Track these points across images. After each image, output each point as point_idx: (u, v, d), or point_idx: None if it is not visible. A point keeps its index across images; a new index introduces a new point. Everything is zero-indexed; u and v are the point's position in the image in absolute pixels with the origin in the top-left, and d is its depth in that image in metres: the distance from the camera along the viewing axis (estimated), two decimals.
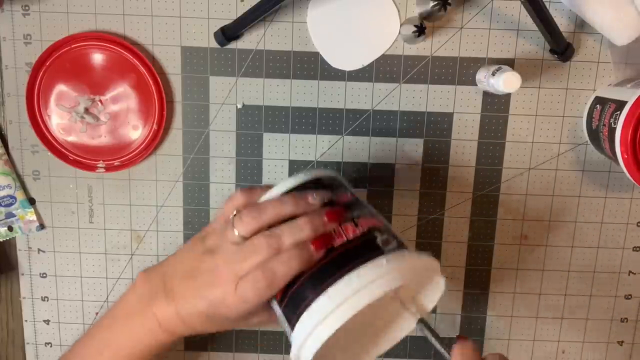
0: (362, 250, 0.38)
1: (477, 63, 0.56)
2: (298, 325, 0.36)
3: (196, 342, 0.61)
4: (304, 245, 0.38)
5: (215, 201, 0.59)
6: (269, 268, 0.38)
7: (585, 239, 0.59)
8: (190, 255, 0.43)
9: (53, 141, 0.56)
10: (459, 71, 0.56)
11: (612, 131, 0.49)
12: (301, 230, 0.39)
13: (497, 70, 0.51)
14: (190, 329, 0.43)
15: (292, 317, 0.38)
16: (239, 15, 0.54)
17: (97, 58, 0.55)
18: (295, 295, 0.38)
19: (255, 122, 0.57)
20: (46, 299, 0.61)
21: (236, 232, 0.40)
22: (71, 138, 0.56)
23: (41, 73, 0.55)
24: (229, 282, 0.39)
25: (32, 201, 0.59)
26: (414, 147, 0.57)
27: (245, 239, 0.40)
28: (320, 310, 0.35)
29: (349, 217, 0.40)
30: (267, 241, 0.39)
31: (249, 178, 0.58)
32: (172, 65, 0.56)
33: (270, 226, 0.40)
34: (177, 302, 0.42)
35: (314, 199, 0.40)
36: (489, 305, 0.61)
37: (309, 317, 0.36)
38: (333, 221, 0.39)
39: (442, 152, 0.57)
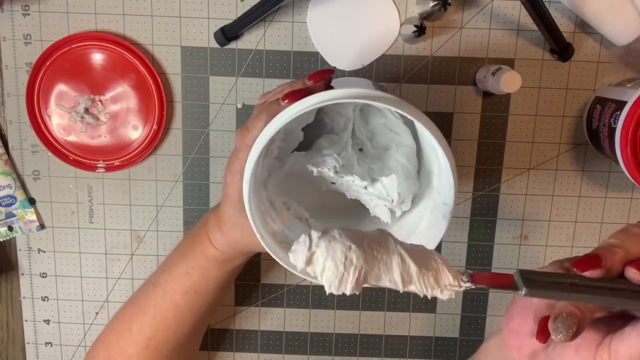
0: None
1: (477, 63, 0.56)
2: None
3: None
4: (275, 101, 0.40)
5: (216, 201, 0.59)
6: (245, 126, 0.41)
7: (585, 239, 0.59)
8: None
9: (53, 141, 0.56)
10: (459, 71, 0.56)
11: (612, 131, 0.49)
12: (280, 92, 0.41)
13: (497, 70, 0.51)
14: (226, 237, 0.46)
15: None
16: (239, 15, 0.54)
17: (97, 58, 0.55)
18: None
19: None
20: (46, 299, 0.61)
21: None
22: (71, 138, 0.56)
23: (41, 73, 0.55)
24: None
25: (32, 201, 0.59)
26: None
27: None
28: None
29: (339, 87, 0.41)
30: (255, 109, 0.43)
31: None
32: (172, 65, 0.56)
33: None
34: (217, 209, 0.47)
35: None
36: (489, 305, 0.61)
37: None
38: (314, 80, 0.40)
39: None
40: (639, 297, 0.30)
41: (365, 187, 0.43)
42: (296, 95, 0.38)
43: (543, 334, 0.33)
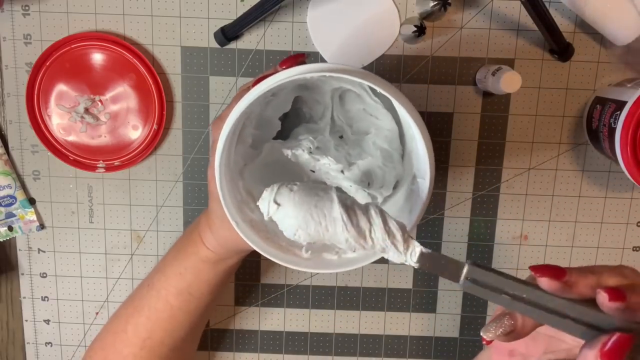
0: None
1: (477, 63, 0.56)
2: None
3: None
4: (247, 88, 0.40)
5: None
6: (220, 117, 0.41)
7: (585, 239, 0.59)
8: None
9: (53, 141, 0.56)
10: (459, 71, 0.56)
11: (612, 131, 0.49)
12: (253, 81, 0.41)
13: (497, 70, 0.51)
14: (216, 236, 0.46)
15: None
16: (239, 15, 0.54)
17: (97, 58, 0.55)
18: None
19: None
20: (46, 299, 0.61)
21: None
22: (71, 138, 0.56)
23: (41, 73, 0.55)
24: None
25: (32, 201, 0.59)
26: None
27: None
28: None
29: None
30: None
31: None
32: (172, 65, 0.56)
33: None
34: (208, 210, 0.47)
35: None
36: (489, 305, 0.61)
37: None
38: (284, 65, 0.40)
39: (442, 152, 0.57)
40: (580, 324, 0.29)
41: (342, 172, 0.43)
42: (264, 78, 0.38)
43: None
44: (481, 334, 0.31)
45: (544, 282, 0.29)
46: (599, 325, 0.29)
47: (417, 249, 0.33)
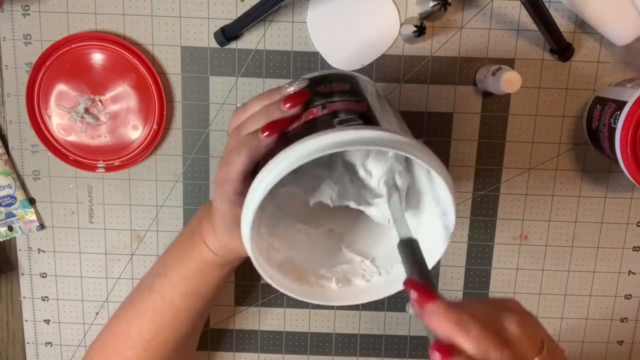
0: (314, 128, 0.37)
1: (477, 63, 0.56)
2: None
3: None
4: (255, 133, 0.39)
5: None
6: (225, 160, 0.40)
7: (585, 239, 0.59)
8: None
9: (53, 141, 0.56)
10: (459, 71, 0.56)
11: (612, 131, 0.49)
12: (257, 119, 0.39)
13: (497, 70, 0.51)
14: (221, 242, 0.46)
15: None
16: (239, 15, 0.54)
17: (97, 58, 0.55)
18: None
19: None
20: (46, 299, 0.61)
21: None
22: (71, 138, 0.56)
23: (41, 73, 0.55)
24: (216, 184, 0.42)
25: (32, 201, 0.59)
26: None
27: None
28: (264, 171, 0.36)
29: (320, 102, 0.39)
30: (230, 137, 0.41)
31: None
32: (172, 65, 0.56)
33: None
34: (209, 215, 0.46)
35: (286, 90, 0.40)
36: None
37: (257, 178, 0.37)
38: (290, 105, 0.38)
39: (442, 152, 0.57)
40: None
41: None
42: (275, 127, 0.37)
43: None
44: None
45: (412, 296, 0.32)
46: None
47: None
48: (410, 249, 0.34)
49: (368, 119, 0.37)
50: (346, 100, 0.39)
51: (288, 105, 0.38)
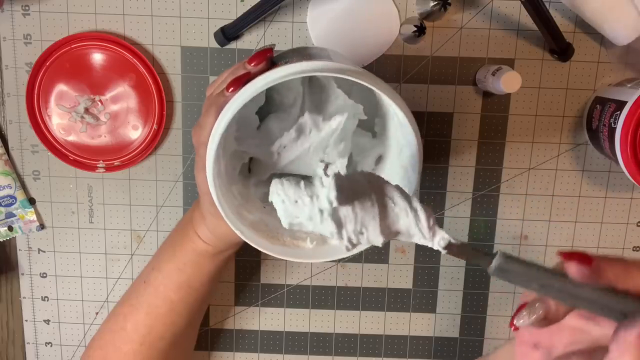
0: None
1: (477, 63, 0.56)
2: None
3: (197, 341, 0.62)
4: (220, 93, 0.40)
5: None
6: (199, 124, 0.41)
7: (585, 239, 0.59)
8: None
9: (53, 141, 0.56)
10: (459, 71, 0.56)
11: (612, 131, 0.49)
12: (224, 81, 0.41)
13: (497, 70, 0.51)
14: (210, 228, 0.46)
15: None
16: (239, 15, 0.54)
17: (97, 58, 0.55)
18: None
19: None
20: (46, 299, 0.61)
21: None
22: (71, 138, 0.56)
23: (41, 73, 0.55)
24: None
25: (32, 201, 0.59)
26: None
27: None
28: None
29: (283, 61, 0.40)
30: (204, 104, 0.42)
31: None
32: (172, 65, 0.56)
33: None
34: (199, 205, 0.47)
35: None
36: (489, 305, 0.61)
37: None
38: (255, 63, 0.40)
39: (442, 152, 0.57)
40: (605, 308, 0.29)
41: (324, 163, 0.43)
42: (239, 81, 0.38)
43: (512, 320, 0.32)
44: (514, 322, 0.31)
45: (572, 268, 0.29)
46: (627, 312, 0.28)
47: (445, 236, 0.32)
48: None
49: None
50: (305, 57, 0.41)
51: (253, 63, 0.40)
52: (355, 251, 0.37)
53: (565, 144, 0.57)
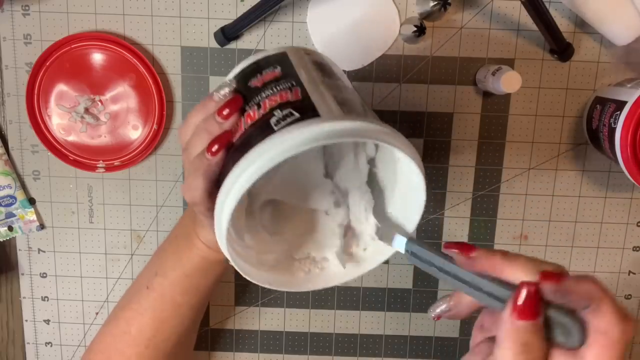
0: (255, 136, 0.35)
1: (477, 63, 0.56)
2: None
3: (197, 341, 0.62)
4: (203, 154, 0.38)
5: None
6: (187, 186, 0.39)
7: (585, 239, 0.59)
8: None
9: (53, 141, 0.56)
10: (459, 71, 0.56)
11: (612, 131, 0.49)
12: (200, 137, 0.39)
13: (497, 70, 0.51)
14: (213, 239, 0.44)
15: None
16: (239, 15, 0.54)
17: (97, 58, 0.55)
18: None
19: None
20: (46, 299, 0.61)
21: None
22: (71, 138, 0.56)
23: (41, 73, 0.55)
24: None
25: (32, 201, 0.59)
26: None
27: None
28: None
29: (255, 102, 0.37)
30: (183, 159, 0.40)
31: None
32: (172, 65, 0.56)
33: None
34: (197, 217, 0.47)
35: (218, 97, 0.39)
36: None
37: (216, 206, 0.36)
38: (225, 116, 0.38)
39: (442, 152, 0.57)
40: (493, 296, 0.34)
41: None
42: (219, 143, 0.37)
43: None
44: (428, 312, 0.38)
45: (454, 255, 0.34)
46: (504, 298, 0.32)
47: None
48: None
49: (305, 108, 0.35)
50: (280, 91, 0.37)
51: (222, 117, 0.38)
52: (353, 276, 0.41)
53: (565, 144, 0.57)
